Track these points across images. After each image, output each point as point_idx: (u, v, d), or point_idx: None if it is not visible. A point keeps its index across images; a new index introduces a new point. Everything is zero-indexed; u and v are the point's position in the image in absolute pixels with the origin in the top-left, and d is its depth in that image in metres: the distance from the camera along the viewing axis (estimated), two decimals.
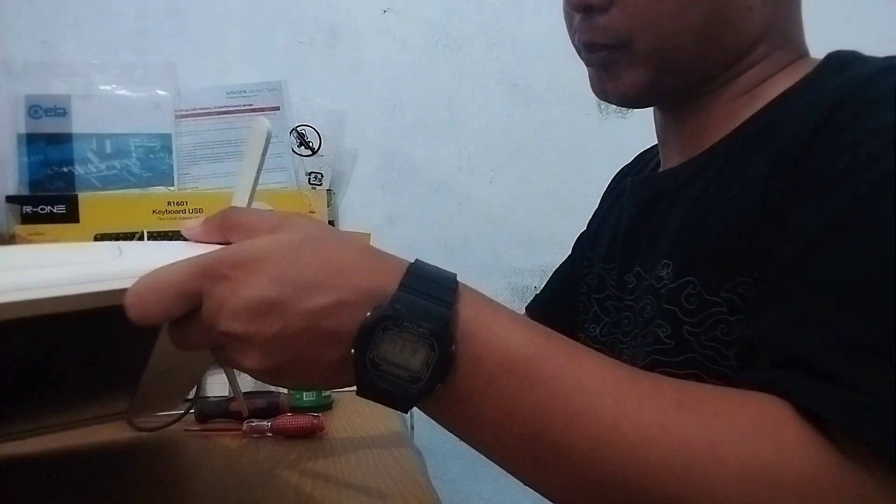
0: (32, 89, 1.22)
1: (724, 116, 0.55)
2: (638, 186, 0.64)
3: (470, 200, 1.41)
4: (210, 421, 0.83)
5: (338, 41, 1.36)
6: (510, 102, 1.41)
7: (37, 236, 1.15)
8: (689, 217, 0.54)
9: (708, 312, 0.48)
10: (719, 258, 0.48)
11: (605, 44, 0.55)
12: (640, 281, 0.58)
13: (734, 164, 0.52)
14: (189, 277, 0.38)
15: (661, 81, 0.55)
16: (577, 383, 0.38)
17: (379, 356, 0.37)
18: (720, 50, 0.54)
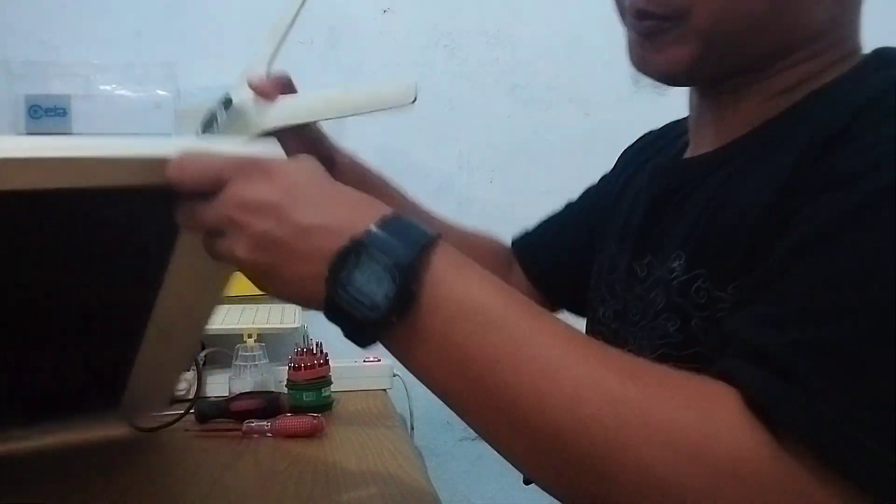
0: (32, 89, 1.22)
1: (761, 109, 0.53)
2: (660, 174, 0.62)
3: (470, 200, 1.41)
4: (210, 421, 0.83)
5: (338, 41, 1.36)
6: (510, 102, 1.41)
7: None
8: (704, 209, 0.52)
9: (716, 308, 0.48)
10: (729, 254, 0.48)
11: (658, 14, 0.51)
12: (651, 271, 0.57)
13: (756, 160, 0.50)
14: (225, 165, 0.44)
15: (706, 62, 0.52)
16: (528, 335, 0.40)
17: (348, 279, 0.40)
18: (779, 36, 0.51)
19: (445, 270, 0.41)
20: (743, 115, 0.54)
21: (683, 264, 0.52)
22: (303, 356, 0.90)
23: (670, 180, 0.59)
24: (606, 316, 0.63)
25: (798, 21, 0.50)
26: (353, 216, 0.42)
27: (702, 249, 0.51)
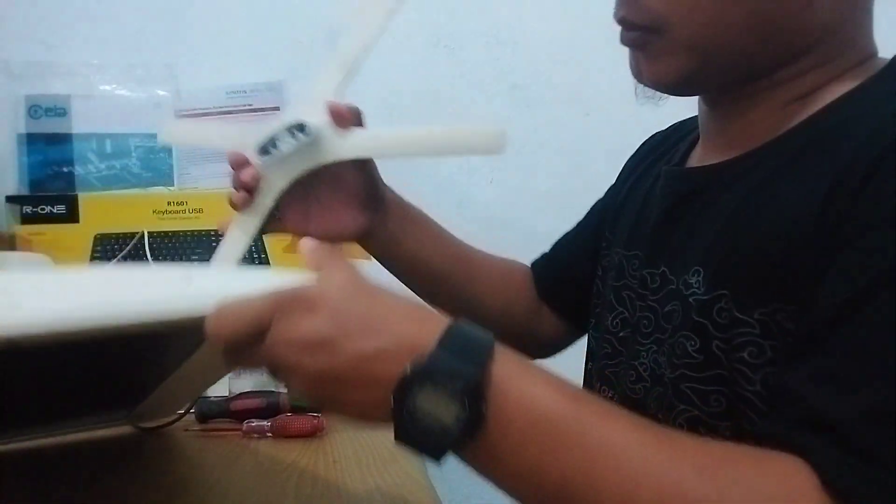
0: (32, 89, 1.22)
1: (775, 118, 0.51)
2: (673, 179, 0.59)
3: (470, 201, 1.41)
4: (210, 421, 0.82)
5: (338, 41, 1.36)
6: (510, 102, 1.41)
7: (37, 236, 1.15)
8: (727, 225, 0.50)
9: (738, 331, 0.46)
10: (758, 277, 0.46)
11: (640, 24, 0.51)
12: (665, 283, 0.55)
13: (784, 176, 0.48)
14: (263, 307, 0.41)
15: (701, 72, 0.51)
16: (602, 445, 0.39)
17: (415, 407, 0.38)
18: (774, 47, 0.49)
19: (509, 379, 0.40)
20: (755, 125, 0.52)
21: (703, 281, 0.50)
22: None
23: (684, 188, 0.57)
24: (615, 324, 0.62)
25: (794, 22, 0.48)
26: (410, 335, 0.40)
27: (724, 269, 0.48)
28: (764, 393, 0.45)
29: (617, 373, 0.61)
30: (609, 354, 0.62)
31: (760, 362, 0.45)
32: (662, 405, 0.52)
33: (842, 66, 0.50)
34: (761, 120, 0.52)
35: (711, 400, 0.48)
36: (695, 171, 0.58)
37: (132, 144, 1.24)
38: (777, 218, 0.46)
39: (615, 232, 0.67)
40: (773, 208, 0.47)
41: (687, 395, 0.50)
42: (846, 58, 0.50)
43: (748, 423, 0.46)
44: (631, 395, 0.57)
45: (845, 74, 0.50)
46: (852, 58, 0.50)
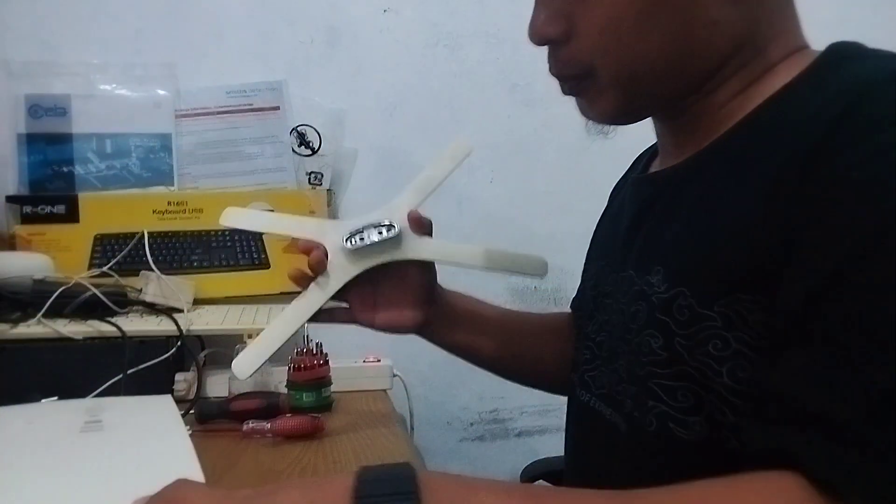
0: (32, 89, 1.22)
1: (719, 116, 0.54)
2: (637, 186, 0.64)
3: (470, 201, 1.41)
4: (210, 421, 0.82)
5: (338, 41, 1.36)
6: (510, 102, 1.41)
7: (37, 236, 1.15)
8: (682, 225, 0.52)
9: (700, 326, 0.47)
10: (715, 271, 0.47)
11: (569, 74, 0.56)
12: (632, 284, 0.57)
13: (732, 169, 0.50)
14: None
15: (634, 102, 0.56)
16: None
17: None
18: (691, 67, 0.53)
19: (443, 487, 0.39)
20: (706, 126, 0.55)
21: (662, 280, 0.52)
22: (303, 356, 0.90)
23: (645, 193, 0.60)
24: (594, 330, 0.64)
25: (705, 42, 0.51)
26: (331, 491, 0.39)
27: (681, 267, 0.50)
28: (732, 384, 0.45)
29: (594, 377, 0.62)
30: (588, 360, 0.64)
31: (726, 354, 0.46)
32: (637, 404, 0.53)
33: (770, 61, 0.52)
34: (709, 120, 0.55)
35: (679, 395, 0.49)
36: (653, 176, 0.62)
37: (132, 144, 1.24)
38: (727, 212, 0.48)
39: (593, 247, 0.72)
40: (723, 204, 0.49)
41: (655, 392, 0.51)
42: (773, 53, 0.52)
43: (720, 416, 0.46)
44: (615, 395, 0.58)
45: (777, 68, 0.52)
46: (779, 53, 0.52)
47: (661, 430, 0.50)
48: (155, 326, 0.96)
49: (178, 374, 0.93)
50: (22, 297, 0.94)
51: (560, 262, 0.85)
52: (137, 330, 0.93)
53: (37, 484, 0.46)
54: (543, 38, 0.56)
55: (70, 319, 0.93)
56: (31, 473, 0.48)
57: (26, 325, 0.91)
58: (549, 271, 0.85)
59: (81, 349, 0.89)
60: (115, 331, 0.91)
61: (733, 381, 0.45)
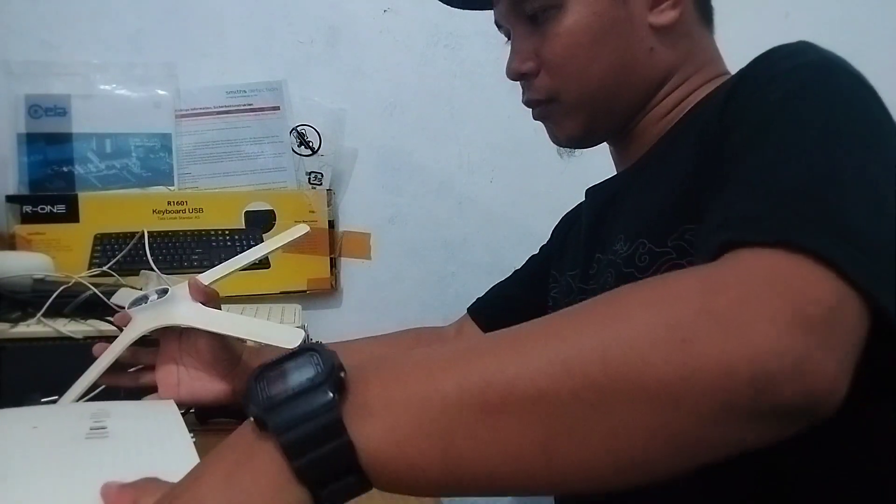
0: (32, 89, 1.22)
1: (655, 130, 0.67)
2: (594, 193, 0.75)
3: (470, 200, 1.41)
4: (210, 420, 0.82)
5: (338, 41, 1.36)
6: (510, 102, 1.40)
7: (36, 236, 1.15)
8: (637, 198, 0.63)
9: (659, 262, 0.55)
10: (664, 216, 0.56)
11: (540, 99, 0.69)
12: (600, 265, 0.65)
13: (669, 153, 0.62)
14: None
15: (596, 122, 0.68)
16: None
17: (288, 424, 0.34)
18: (636, 86, 0.66)
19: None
20: (648, 138, 0.68)
21: (623, 243, 0.60)
22: None
23: (604, 193, 0.72)
24: None
25: (644, 66, 0.65)
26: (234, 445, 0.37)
27: (639, 223, 0.59)
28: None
29: None
30: None
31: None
32: None
33: (698, 82, 0.66)
34: (650, 132, 0.68)
35: None
36: (609, 181, 0.75)
37: (132, 144, 1.24)
38: (668, 174, 0.58)
39: (561, 266, 0.79)
40: (666, 169, 0.60)
41: None
42: (700, 77, 0.66)
43: None
44: None
45: (705, 86, 0.66)
46: (705, 76, 0.66)
47: None
48: None
49: None
50: (22, 297, 0.94)
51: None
52: None
53: (43, 493, 0.47)
54: (517, 74, 0.70)
55: (70, 319, 0.93)
56: (37, 482, 0.48)
57: (26, 324, 0.91)
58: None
59: (81, 348, 0.89)
60: (115, 330, 0.91)
61: None
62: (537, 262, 0.91)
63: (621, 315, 0.35)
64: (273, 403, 0.34)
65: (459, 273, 1.41)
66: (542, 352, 0.35)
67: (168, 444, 0.57)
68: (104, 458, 0.52)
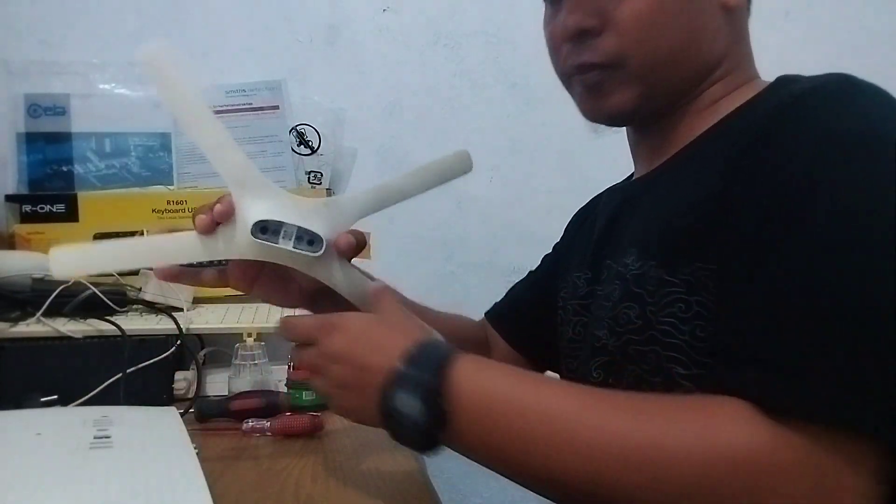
0: (32, 88, 1.21)
1: (686, 129, 0.62)
2: (612, 194, 0.72)
3: (470, 200, 1.41)
4: (210, 420, 0.82)
5: (337, 40, 1.36)
6: (510, 102, 1.41)
7: (36, 235, 1.15)
8: (653, 211, 0.60)
9: (666, 291, 0.54)
10: (678, 244, 0.54)
11: (599, 63, 0.60)
12: (609, 271, 0.63)
13: (693, 167, 0.58)
14: (313, 325, 0.59)
15: (650, 97, 0.61)
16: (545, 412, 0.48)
17: (393, 409, 0.51)
18: (696, 64, 0.61)
19: (466, 380, 0.50)
20: (675, 137, 0.63)
21: (636, 259, 0.58)
22: None
23: (620, 198, 0.68)
24: (577, 332, 0.68)
25: (708, 43, 0.60)
26: (392, 352, 0.52)
27: (652, 244, 0.57)
28: (692, 342, 0.52)
29: (575, 361, 0.67)
30: (576, 360, 0.67)
31: (688, 316, 0.52)
32: (608, 371, 0.59)
33: (737, 80, 0.62)
34: (678, 131, 0.63)
35: (648, 358, 0.55)
36: (629, 184, 0.70)
37: (131, 143, 1.24)
38: (686, 197, 0.55)
39: (569, 265, 0.76)
40: (685, 191, 0.56)
41: (632, 357, 0.56)
42: (736, 77, 0.62)
43: (683, 368, 0.52)
44: (587, 371, 0.63)
45: (740, 89, 0.61)
46: (741, 78, 0.62)
47: (634, 389, 0.55)
48: (154, 325, 0.96)
49: (177, 373, 0.93)
50: (21, 296, 0.94)
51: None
52: (137, 329, 0.93)
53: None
54: (578, 29, 0.60)
55: (69, 318, 0.93)
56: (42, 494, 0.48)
57: (26, 323, 0.91)
58: None
59: (81, 348, 0.89)
60: (115, 329, 0.91)
61: (694, 339, 0.52)
62: (550, 262, 0.87)
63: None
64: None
65: (459, 273, 1.41)
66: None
67: (172, 455, 0.57)
68: (109, 469, 0.52)
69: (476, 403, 0.49)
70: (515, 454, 0.48)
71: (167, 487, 0.50)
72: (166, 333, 0.94)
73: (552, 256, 0.87)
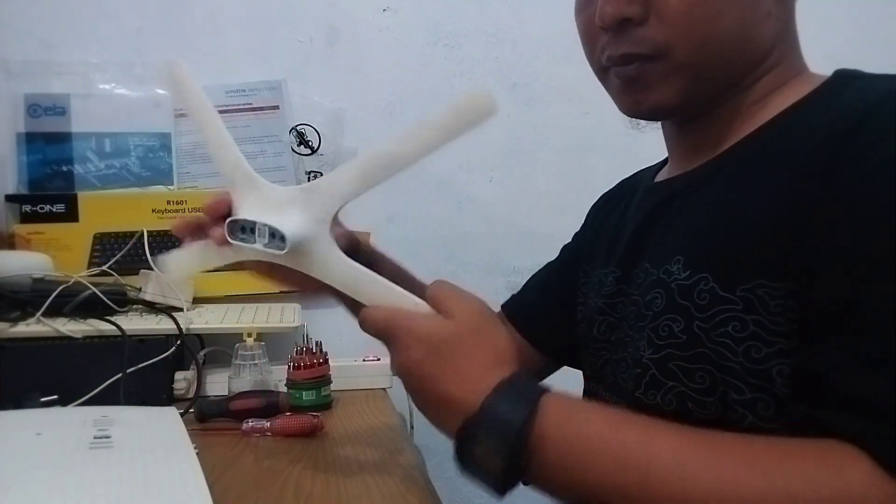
0: (32, 88, 1.21)
1: (735, 123, 0.57)
2: (649, 192, 0.65)
3: (470, 200, 1.41)
4: (209, 420, 0.82)
5: (337, 40, 1.36)
6: (510, 102, 1.41)
7: (36, 235, 1.15)
8: (705, 216, 0.55)
9: (720, 308, 0.50)
10: (739, 258, 0.49)
11: (643, 54, 0.55)
12: (647, 276, 0.58)
13: (755, 171, 0.53)
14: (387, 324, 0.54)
15: (696, 90, 0.56)
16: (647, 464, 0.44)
17: (469, 454, 0.48)
18: (747, 54, 0.55)
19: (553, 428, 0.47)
20: (723, 131, 0.58)
21: (682, 268, 0.53)
22: (302, 355, 0.90)
23: (662, 194, 0.62)
24: (601, 331, 0.65)
25: (760, 31, 0.55)
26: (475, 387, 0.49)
27: (705, 254, 0.52)
28: (747, 364, 0.48)
29: (601, 368, 0.64)
30: (600, 360, 0.65)
31: (744, 335, 0.48)
32: (645, 385, 0.56)
33: (788, 72, 0.57)
34: (726, 125, 0.58)
35: (696, 377, 0.51)
36: (668, 182, 0.64)
37: (131, 143, 1.24)
38: (751, 205, 0.50)
39: (592, 261, 0.71)
40: (748, 197, 0.51)
41: (673, 372, 0.53)
42: (787, 68, 0.57)
43: (735, 394, 0.49)
44: (621, 383, 0.59)
45: (790, 83, 0.56)
46: (791, 69, 0.57)
47: (679, 408, 0.52)
48: (154, 325, 0.96)
49: (177, 373, 0.93)
50: (21, 296, 0.94)
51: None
52: (137, 329, 0.93)
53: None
54: (620, 17, 0.54)
55: (69, 318, 0.93)
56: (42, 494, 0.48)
57: (26, 323, 0.91)
58: None
59: (81, 348, 0.89)
60: (115, 329, 0.91)
61: (748, 361, 0.48)
62: (571, 253, 0.82)
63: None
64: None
65: (459, 273, 1.40)
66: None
67: (172, 455, 0.57)
68: (109, 469, 0.52)
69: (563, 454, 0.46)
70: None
71: (167, 487, 0.49)
72: (166, 333, 0.94)
73: (572, 246, 0.82)
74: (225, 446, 0.75)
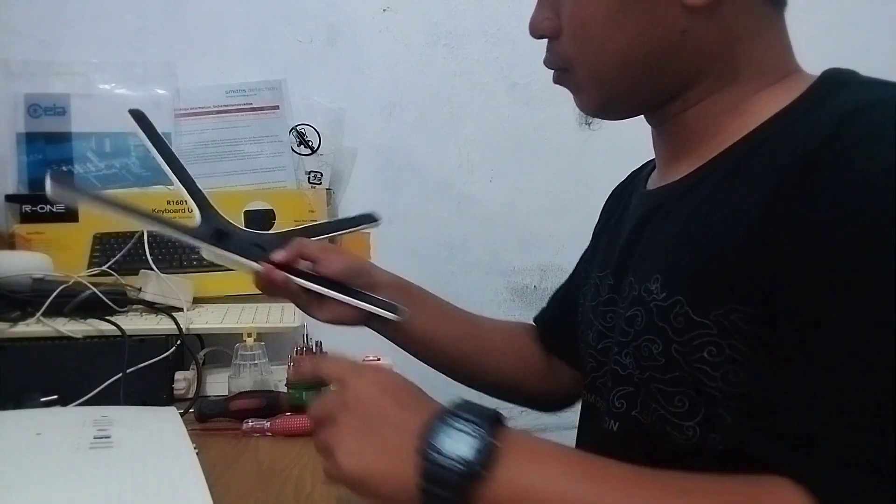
0: (32, 88, 1.22)
1: (713, 132, 0.55)
2: (641, 200, 0.65)
3: (470, 200, 1.41)
4: (209, 420, 0.82)
5: (337, 40, 1.36)
6: (510, 102, 1.41)
7: (36, 235, 1.15)
8: (679, 233, 0.54)
9: (696, 333, 0.48)
10: (710, 282, 0.48)
11: (553, 67, 0.61)
12: (631, 290, 0.57)
13: (728, 184, 0.51)
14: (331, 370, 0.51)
15: (611, 100, 0.59)
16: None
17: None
18: (664, 71, 0.54)
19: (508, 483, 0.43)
20: (701, 140, 0.56)
21: (660, 288, 0.53)
22: (302, 355, 0.90)
23: (650, 203, 0.61)
24: (594, 338, 0.64)
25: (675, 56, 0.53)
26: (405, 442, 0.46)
27: (678, 276, 0.51)
28: (726, 388, 0.47)
29: (604, 382, 0.62)
30: (594, 367, 0.64)
31: (720, 360, 0.47)
32: (634, 403, 0.55)
33: (767, 78, 0.54)
34: (703, 134, 0.56)
35: (675, 401, 0.51)
36: (654, 192, 0.63)
37: (131, 144, 1.24)
38: (723, 223, 0.49)
39: (592, 261, 0.71)
40: (719, 215, 0.50)
41: (655, 395, 0.52)
42: (763, 74, 0.54)
43: (715, 419, 0.48)
44: (610, 397, 0.59)
45: (774, 87, 0.53)
46: (771, 74, 0.54)
47: (659, 431, 0.52)
48: (154, 325, 0.96)
49: (177, 373, 0.93)
50: (21, 296, 0.94)
51: (560, 262, 0.85)
52: (137, 329, 0.93)
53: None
54: (536, 33, 0.60)
55: (69, 318, 0.93)
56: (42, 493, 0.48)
57: (26, 323, 0.91)
58: (550, 271, 0.85)
59: (81, 348, 0.89)
60: (115, 330, 0.91)
61: (727, 385, 0.47)
62: (586, 257, 0.80)
63: None
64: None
65: (459, 272, 1.41)
66: None
67: (172, 455, 0.57)
68: (109, 469, 0.52)
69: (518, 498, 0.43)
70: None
71: (167, 487, 0.49)
72: (166, 333, 0.94)
73: (589, 248, 0.80)
74: (225, 446, 0.75)
